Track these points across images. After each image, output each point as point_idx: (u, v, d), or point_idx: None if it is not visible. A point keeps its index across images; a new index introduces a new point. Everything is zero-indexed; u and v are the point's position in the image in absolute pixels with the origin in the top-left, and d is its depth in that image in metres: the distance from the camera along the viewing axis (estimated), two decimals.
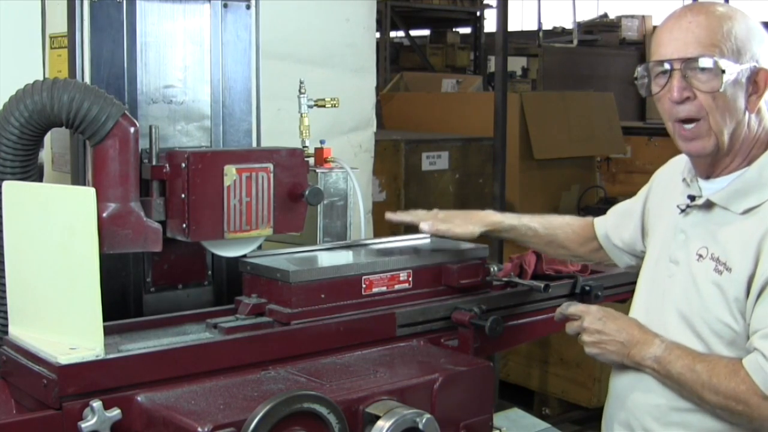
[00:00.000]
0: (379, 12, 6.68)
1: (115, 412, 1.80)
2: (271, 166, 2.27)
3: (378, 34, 8.17)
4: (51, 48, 2.54)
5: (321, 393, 1.84)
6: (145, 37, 2.36)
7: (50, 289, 1.96)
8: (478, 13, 12.20)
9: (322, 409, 1.81)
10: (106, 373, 1.86)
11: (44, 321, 1.96)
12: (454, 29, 12.82)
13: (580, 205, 6.34)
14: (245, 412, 1.76)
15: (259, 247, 2.37)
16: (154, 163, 2.23)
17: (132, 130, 2.12)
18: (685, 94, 2.04)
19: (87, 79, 2.28)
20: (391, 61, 10.97)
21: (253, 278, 2.29)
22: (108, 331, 1.98)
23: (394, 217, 2.59)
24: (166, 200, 2.22)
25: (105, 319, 1.91)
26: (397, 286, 2.34)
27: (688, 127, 2.06)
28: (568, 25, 12.81)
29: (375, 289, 2.30)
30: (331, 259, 2.41)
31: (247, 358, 2.04)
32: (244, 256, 2.33)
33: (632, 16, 12.42)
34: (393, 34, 12.00)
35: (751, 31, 2.06)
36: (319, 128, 3.09)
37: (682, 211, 2.18)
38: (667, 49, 2.06)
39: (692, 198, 2.16)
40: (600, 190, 6.64)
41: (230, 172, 2.21)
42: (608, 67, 10.84)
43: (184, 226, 2.18)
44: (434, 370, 2.08)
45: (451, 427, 2.05)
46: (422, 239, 2.66)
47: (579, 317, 2.22)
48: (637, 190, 2.51)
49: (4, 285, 2.04)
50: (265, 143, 2.58)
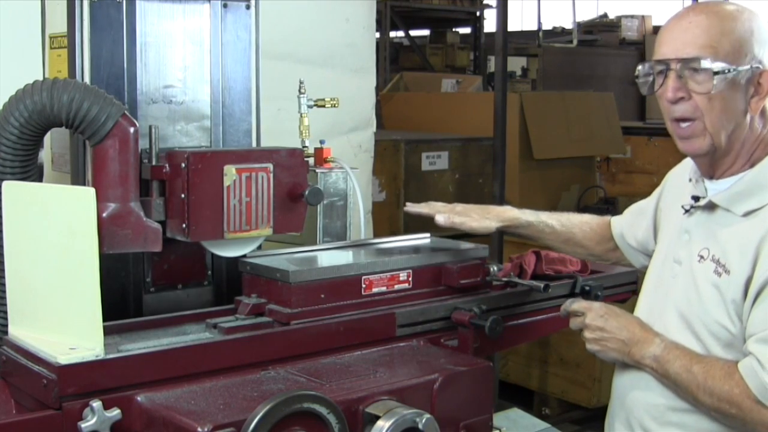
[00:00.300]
0: (379, 12, 6.68)
1: (115, 412, 1.80)
2: (270, 166, 2.27)
3: (378, 34, 8.17)
4: (51, 48, 2.54)
5: (321, 393, 1.83)
6: (145, 37, 2.36)
7: (50, 289, 1.96)
8: (478, 13, 12.20)
9: (322, 409, 1.81)
10: (106, 373, 1.86)
11: (44, 321, 1.96)
12: (454, 29, 12.83)
13: (579, 205, 6.33)
14: (245, 412, 1.76)
15: (259, 247, 2.37)
16: (154, 163, 2.23)
17: (132, 130, 2.12)
18: (679, 94, 2.03)
19: (87, 79, 2.28)
20: (391, 61, 10.97)
21: (252, 278, 2.28)
22: (108, 331, 1.98)
23: (411, 209, 2.59)
24: (166, 200, 2.22)
25: (105, 319, 1.91)
26: (397, 286, 2.34)
27: (684, 125, 2.06)
28: (568, 25, 12.81)
29: (375, 289, 2.30)
30: (331, 259, 2.41)
31: (247, 358, 2.04)
32: (244, 256, 2.33)
33: (632, 16, 12.43)
34: (393, 34, 12.00)
35: (756, 32, 2.03)
36: (319, 128, 3.09)
37: (686, 211, 2.18)
38: (666, 49, 2.06)
39: (696, 198, 2.16)
40: (600, 190, 6.64)
41: (230, 172, 2.21)
42: (608, 67, 10.85)
43: (184, 226, 2.18)
44: (434, 370, 2.07)
45: (451, 427, 2.05)
46: (422, 239, 2.66)
47: (582, 314, 2.22)
48: (637, 190, 2.51)
49: (4, 285, 2.04)
50: (265, 143, 2.58)
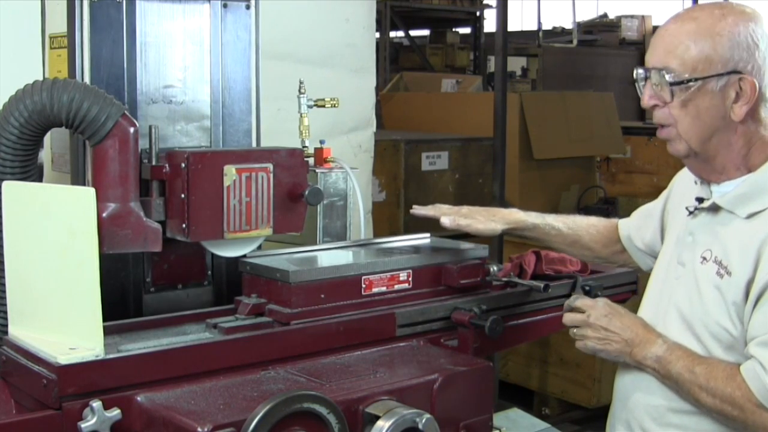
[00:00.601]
0: (378, 12, 6.68)
1: (115, 412, 1.80)
2: (270, 166, 2.27)
3: (378, 34, 8.17)
4: (51, 48, 2.54)
5: (321, 393, 1.83)
6: (145, 37, 2.36)
7: (50, 289, 1.96)
8: (478, 13, 12.21)
9: (322, 409, 1.81)
10: (106, 373, 1.86)
11: (44, 321, 1.96)
12: (454, 29, 12.84)
13: (579, 205, 6.33)
14: (245, 412, 1.76)
15: (259, 247, 2.37)
16: (154, 163, 2.23)
17: (132, 130, 2.12)
18: (651, 102, 2.08)
19: (87, 79, 2.28)
20: (391, 61, 10.98)
21: (252, 278, 2.28)
22: (108, 331, 1.99)
23: (417, 212, 2.58)
24: (166, 200, 2.22)
25: (105, 319, 1.91)
26: (397, 286, 2.34)
27: (661, 129, 2.11)
28: (568, 25, 12.82)
29: (375, 289, 2.30)
30: (331, 259, 2.41)
31: (247, 358, 2.04)
32: (244, 256, 2.33)
33: (632, 16, 12.44)
34: (393, 34, 12.01)
35: (735, 38, 1.99)
36: (318, 128, 3.09)
37: (691, 213, 2.18)
38: (647, 56, 2.10)
39: (700, 200, 2.16)
40: (600, 190, 6.63)
41: (230, 172, 2.21)
42: (608, 67, 10.85)
43: (184, 226, 2.18)
44: (434, 370, 2.07)
45: (451, 427, 2.05)
46: (422, 239, 2.66)
47: (584, 311, 2.22)
48: (637, 190, 2.52)
49: (4, 285, 2.04)
50: (265, 143, 2.58)
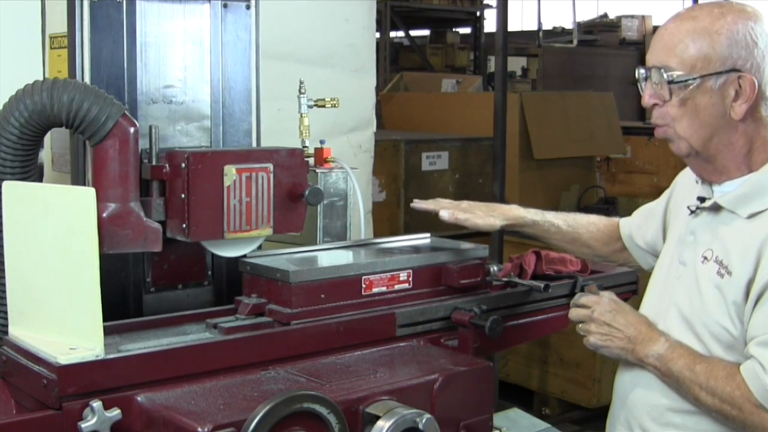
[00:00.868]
0: (379, 12, 6.68)
1: (115, 412, 1.80)
2: (271, 166, 2.27)
3: (378, 34, 8.18)
4: (51, 48, 2.54)
5: (321, 393, 1.83)
6: (145, 37, 2.36)
7: (50, 289, 1.96)
8: (478, 13, 12.22)
9: (322, 409, 1.81)
10: (106, 373, 1.85)
11: (44, 321, 1.96)
12: (454, 29, 12.84)
13: (579, 205, 6.33)
14: (245, 412, 1.76)
15: (259, 247, 2.37)
16: (154, 163, 2.23)
17: (132, 130, 2.12)
18: (651, 101, 2.08)
19: (87, 79, 2.28)
20: (391, 61, 10.98)
21: (253, 278, 2.28)
22: (108, 331, 1.98)
23: (417, 205, 2.59)
24: (166, 200, 2.22)
25: (105, 319, 1.91)
26: (397, 286, 2.34)
27: (659, 129, 2.11)
28: (568, 25, 12.83)
29: (375, 289, 2.30)
30: (331, 259, 2.41)
31: (247, 358, 2.04)
32: (244, 256, 2.33)
33: (632, 16, 12.44)
34: (393, 34, 12.01)
35: (733, 37, 2.00)
36: (319, 128, 3.09)
37: (692, 212, 2.18)
38: (648, 55, 2.11)
39: (702, 200, 2.17)
40: (600, 190, 6.63)
41: (230, 172, 2.21)
42: (608, 67, 10.86)
43: (184, 226, 2.18)
44: (434, 370, 2.07)
45: (451, 427, 2.05)
46: (422, 239, 2.66)
47: (589, 307, 2.22)
48: (637, 190, 2.52)
49: (4, 285, 2.04)
50: (265, 143, 2.58)
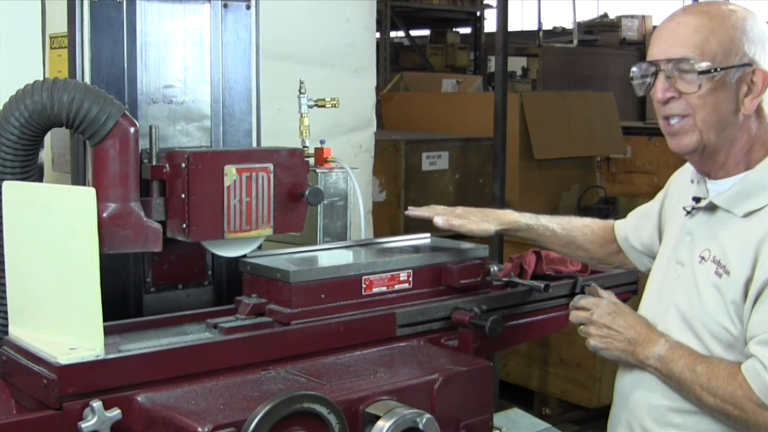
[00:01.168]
0: (379, 12, 6.68)
1: (115, 412, 1.80)
2: (271, 166, 2.27)
3: (378, 34, 8.17)
4: (51, 48, 2.54)
5: (321, 393, 1.83)
6: (145, 37, 2.36)
7: (50, 289, 1.96)
8: (478, 13, 12.21)
9: (322, 409, 1.81)
10: (106, 373, 1.86)
11: (44, 321, 1.96)
12: (454, 29, 12.84)
13: (580, 205, 6.33)
14: (245, 412, 1.76)
15: (259, 247, 2.37)
16: (154, 163, 2.23)
17: (132, 130, 2.12)
18: (668, 94, 2.06)
19: (87, 79, 2.28)
20: (391, 61, 10.98)
21: (253, 278, 2.28)
22: (108, 331, 1.98)
23: (412, 213, 2.59)
24: (166, 200, 2.22)
25: (105, 319, 1.91)
26: (397, 286, 2.34)
27: (673, 122, 2.08)
28: (568, 25, 12.83)
29: (375, 289, 2.30)
30: (331, 259, 2.41)
31: (247, 358, 2.04)
32: (244, 256, 2.33)
33: (632, 16, 12.44)
34: (393, 34, 12.00)
35: (748, 31, 2.04)
36: (319, 128, 3.09)
37: (688, 212, 2.18)
38: (656, 50, 2.09)
39: (697, 200, 2.16)
40: (600, 190, 6.63)
41: (230, 172, 2.21)
42: (608, 67, 10.85)
43: (184, 226, 2.18)
44: (434, 370, 2.07)
45: (451, 427, 2.05)
46: (422, 239, 2.66)
47: (588, 309, 2.22)
48: (637, 190, 2.52)
49: (4, 285, 2.04)
50: (265, 143, 2.58)
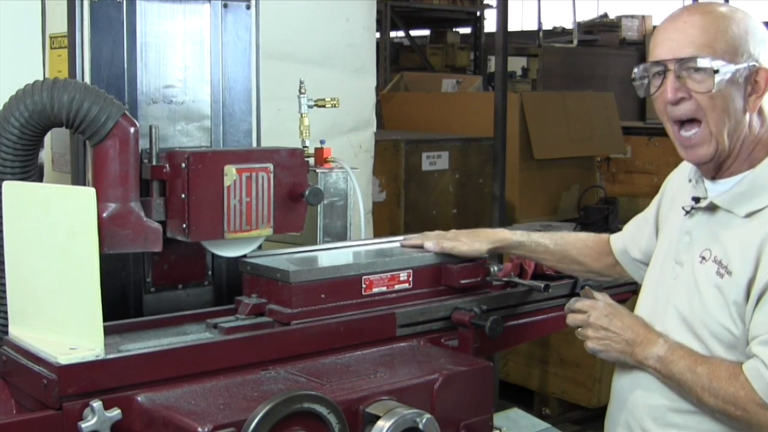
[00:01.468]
0: (379, 12, 6.68)
1: (115, 412, 1.80)
2: (271, 166, 2.27)
3: (378, 34, 8.17)
4: (51, 48, 2.54)
5: (321, 393, 1.83)
6: (145, 37, 2.36)
7: (50, 289, 1.96)
8: (478, 13, 12.21)
9: (322, 409, 1.81)
10: (106, 373, 1.86)
11: (44, 321, 1.96)
12: (454, 29, 12.84)
13: (580, 205, 6.32)
14: (245, 412, 1.76)
15: (259, 247, 2.37)
16: (154, 163, 2.23)
17: (132, 130, 2.13)
18: (679, 94, 2.03)
19: (87, 79, 2.28)
20: (391, 61, 10.97)
21: (253, 278, 2.28)
22: (108, 331, 1.98)
23: (406, 243, 2.54)
24: (166, 200, 2.22)
25: (105, 319, 1.91)
26: (397, 286, 2.34)
27: (687, 134, 2.06)
28: (568, 25, 12.83)
29: (375, 289, 2.30)
30: (331, 259, 2.41)
31: (247, 358, 2.04)
32: (244, 256, 2.33)
33: (632, 16, 12.44)
34: (393, 34, 12.00)
35: (750, 30, 2.04)
36: (319, 128, 3.09)
37: (687, 212, 2.17)
38: (662, 50, 2.06)
39: (696, 200, 2.16)
40: (600, 190, 6.62)
41: (230, 172, 2.21)
42: (608, 67, 10.85)
43: (184, 226, 2.18)
44: (434, 370, 2.07)
45: (451, 427, 2.05)
46: None
47: (585, 311, 2.22)
48: (637, 190, 2.51)
49: (4, 285, 2.04)
50: (265, 143, 2.58)
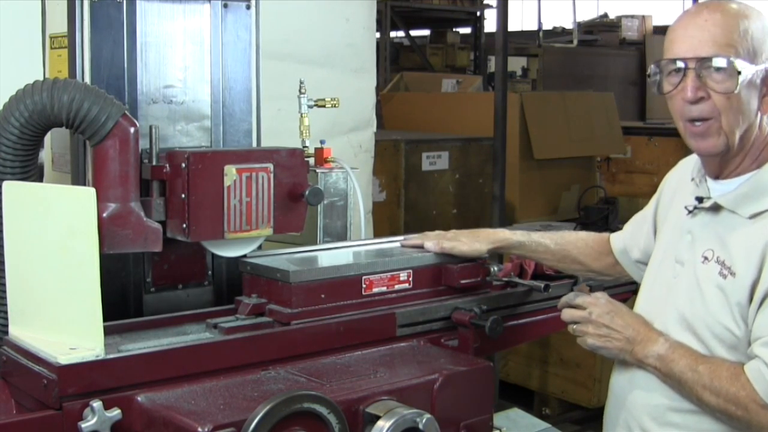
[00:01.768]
0: (379, 12, 6.68)
1: (115, 412, 1.80)
2: (271, 166, 2.27)
3: (378, 34, 8.17)
4: (51, 48, 2.54)
5: (321, 393, 1.83)
6: (145, 37, 2.36)
7: (50, 289, 1.96)
8: (478, 13, 12.20)
9: (322, 409, 1.81)
10: (106, 373, 1.86)
11: (44, 321, 1.96)
12: (454, 29, 12.83)
13: (580, 205, 6.32)
14: (245, 412, 1.76)
15: (259, 247, 2.37)
16: (154, 163, 2.23)
17: (132, 130, 2.13)
18: (699, 94, 2.00)
19: (87, 79, 2.28)
20: (391, 61, 10.97)
21: (253, 278, 2.28)
22: (108, 331, 1.98)
23: (406, 244, 2.54)
24: (166, 200, 2.22)
25: (105, 319, 1.91)
26: (397, 286, 2.34)
27: (698, 124, 2.03)
28: (568, 25, 12.82)
29: (375, 289, 2.30)
30: (331, 259, 2.41)
31: (247, 358, 2.04)
32: (244, 256, 2.33)
33: (632, 16, 12.43)
34: (393, 34, 11.99)
35: (766, 30, 2.02)
36: (319, 128, 3.09)
37: (690, 212, 2.16)
38: (682, 47, 2.02)
39: (700, 199, 2.14)
40: (600, 190, 6.62)
41: (230, 172, 2.21)
42: (608, 67, 10.85)
43: (184, 226, 2.18)
44: (434, 370, 2.07)
45: (451, 427, 2.05)
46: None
47: (585, 308, 2.21)
48: (637, 190, 2.51)
49: (4, 285, 2.04)
50: (265, 143, 2.58)
